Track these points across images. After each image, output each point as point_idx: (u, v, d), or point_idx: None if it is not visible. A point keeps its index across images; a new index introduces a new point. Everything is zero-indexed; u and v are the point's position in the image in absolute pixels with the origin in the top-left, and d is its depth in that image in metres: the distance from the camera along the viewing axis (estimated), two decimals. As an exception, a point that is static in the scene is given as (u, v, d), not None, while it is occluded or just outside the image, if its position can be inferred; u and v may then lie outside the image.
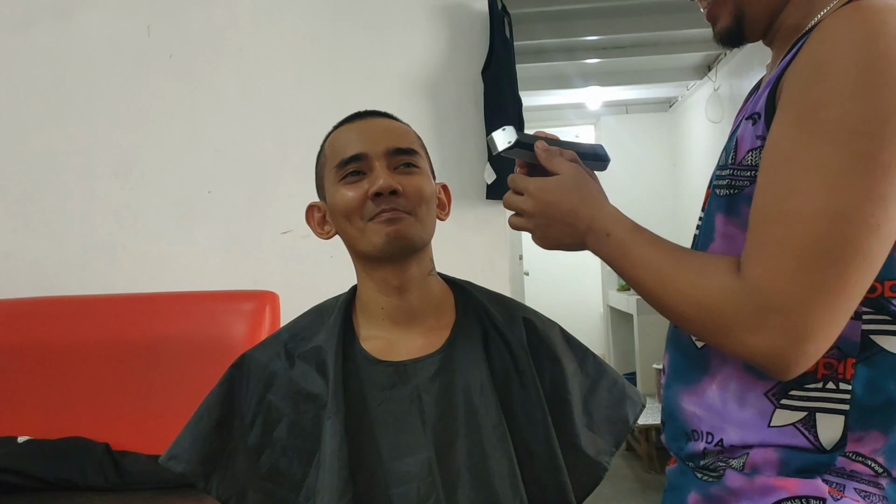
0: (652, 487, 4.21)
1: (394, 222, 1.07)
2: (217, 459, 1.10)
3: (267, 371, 1.12)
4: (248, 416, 1.11)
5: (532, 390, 1.11)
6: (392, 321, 1.13)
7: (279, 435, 1.09)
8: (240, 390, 1.12)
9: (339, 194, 1.10)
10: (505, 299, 1.22)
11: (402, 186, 1.09)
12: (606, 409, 1.19)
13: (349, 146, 1.11)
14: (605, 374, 1.21)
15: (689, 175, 6.00)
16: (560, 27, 4.31)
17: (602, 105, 6.27)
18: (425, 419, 1.07)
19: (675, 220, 6.29)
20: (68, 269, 2.67)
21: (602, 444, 1.16)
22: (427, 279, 1.15)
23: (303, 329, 1.16)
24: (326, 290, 1.27)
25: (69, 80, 2.72)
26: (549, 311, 1.33)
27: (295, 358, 1.12)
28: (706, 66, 5.23)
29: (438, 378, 1.09)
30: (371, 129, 1.13)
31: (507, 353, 1.13)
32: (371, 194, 1.08)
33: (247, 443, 1.10)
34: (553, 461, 1.09)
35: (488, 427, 1.07)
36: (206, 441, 1.11)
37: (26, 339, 2.32)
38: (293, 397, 1.10)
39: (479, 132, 2.69)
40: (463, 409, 1.08)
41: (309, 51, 2.74)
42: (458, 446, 1.06)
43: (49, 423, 2.22)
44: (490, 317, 1.16)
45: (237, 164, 2.72)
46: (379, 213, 1.08)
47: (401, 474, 1.05)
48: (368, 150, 1.10)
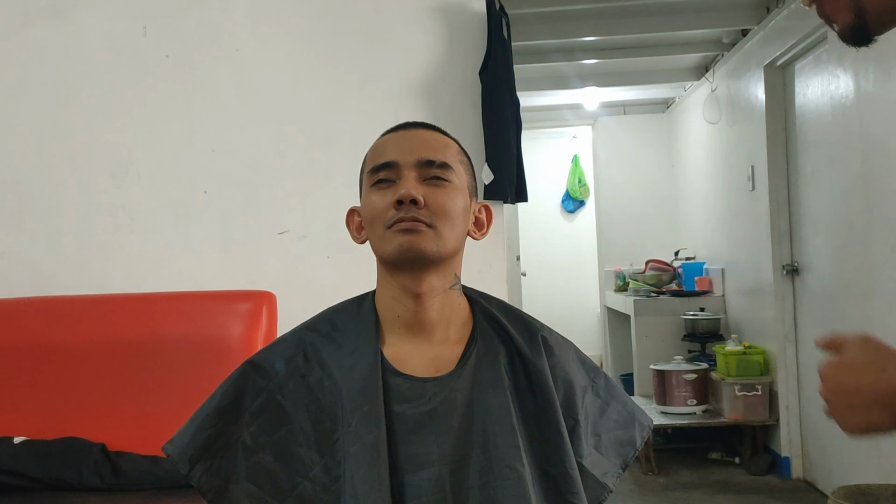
0: (650, 489, 4.21)
1: (409, 233, 1.07)
2: (206, 449, 1.08)
3: (282, 373, 1.11)
4: (251, 413, 1.09)
5: (550, 412, 1.11)
6: (407, 329, 1.12)
7: (278, 438, 1.08)
8: (251, 385, 1.11)
9: (368, 200, 1.12)
10: (522, 315, 1.21)
11: (426, 198, 1.08)
12: (615, 431, 1.19)
13: (383, 154, 1.12)
14: (615, 396, 1.21)
15: (686, 176, 6.00)
16: (558, 28, 4.31)
17: (600, 106, 6.27)
18: (441, 435, 1.06)
19: (673, 220, 6.29)
20: (64, 268, 2.67)
21: (608, 465, 1.16)
22: (448, 293, 1.14)
23: (325, 332, 1.14)
24: (323, 290, 1.27)
25: (65, 80, 2.71)
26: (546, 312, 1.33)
27: (316, 364, 1.11)
28: (703, 67, 5.23)
29: (456, 395, 1.09)
30: (409, 139, 1.14)
31: (524, 372, 1.13)
32: (393, 202, 1.08)
33: (242, 439, 1.08)
34: (570, 486, 1.08)
35: (503, 446, 1.06)
36: (199, 428, 1.09)
37: (22, 340, 2.31)
38: (304, 404, 1.09)
39: (476, 132, 2.69)
40: (479, 427, 1.07)
41: (306, 51, 2.74)
42: (471, 464, 1.06)
43: (45, 423, 2.21)
44: (508, 333, 1.15)
45: (233, 164, 2.71)
46: (397, 222, 1.07)
47: (414, 487, 1.04)
48: (399, 159, 1.10)
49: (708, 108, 4.99)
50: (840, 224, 3.39)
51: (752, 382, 4.32)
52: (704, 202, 5.50)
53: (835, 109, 3.40)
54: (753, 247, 4.46)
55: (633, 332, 5.28)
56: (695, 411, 4.58)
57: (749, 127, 4.46)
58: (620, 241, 6.39)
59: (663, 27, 4.30)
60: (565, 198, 7.67)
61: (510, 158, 2.66)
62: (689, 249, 5.85)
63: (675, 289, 5.43)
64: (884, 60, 2.94)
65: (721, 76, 4.92)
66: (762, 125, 4.23)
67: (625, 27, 4.33)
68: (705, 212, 5.49)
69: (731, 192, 4.86)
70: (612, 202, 6.48)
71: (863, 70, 3.10)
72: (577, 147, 7.54)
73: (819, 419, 3.96)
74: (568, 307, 7.31)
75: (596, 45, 4.78)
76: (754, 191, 4.39)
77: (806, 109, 3.93)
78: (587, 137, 7.06)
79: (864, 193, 3.12)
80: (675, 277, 5.61)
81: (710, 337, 4.89)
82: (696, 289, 5.24)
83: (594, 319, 7.20)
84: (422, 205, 1.07)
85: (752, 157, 4.40)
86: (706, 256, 5.48)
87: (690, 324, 4.95)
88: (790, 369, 4.19)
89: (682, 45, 4.84)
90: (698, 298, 5.12)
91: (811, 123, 3.87)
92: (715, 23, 4.32)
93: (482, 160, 2.67)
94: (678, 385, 4.59)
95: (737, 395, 4.35)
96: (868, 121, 3.08)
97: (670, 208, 6.31)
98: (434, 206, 1.08)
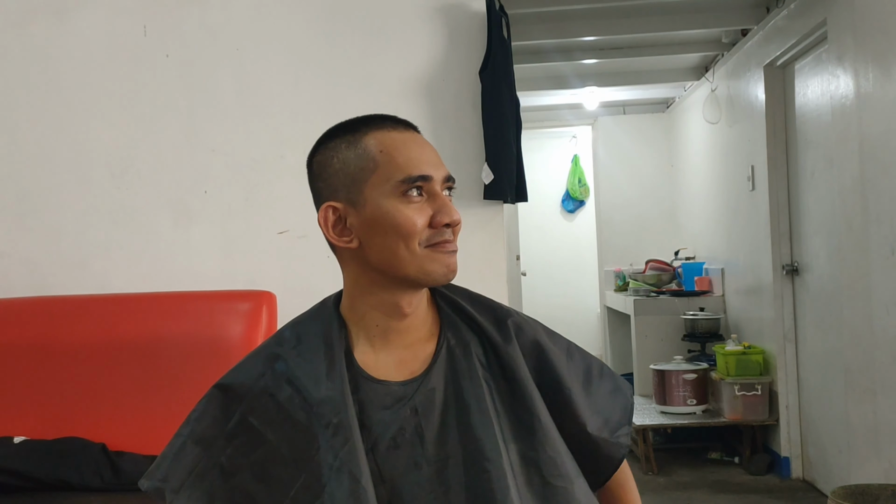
0: (650, 489, 4.21)
1: (453, 255, 1.09)
2: (184, 478, 1.06)
3: (251, 393, 1.08)
4: (226, 437, 1.07)
5: (526, 397, 1.10)
6: (382, 337, 1.11)
7: (255, 459, 1.06)
8: (221, 409, 1.09)
9: (401, 213, 1.07)
10: (489, 302, 1.20)
11: None
12: (605, 390, 1.20)
13: (416, 164, 1.09)
14: (592, 360, 1.22)
15: (686, 176, 6.00)
16: (558, 28, 4.31)
17: (599, 105, 6.27)
18: (423, 436, 1.06)
19: (673, 220, 6.29)
20: (64, 268, 2.67)
21: (614, 419, 1.18)
22: (423, 298, 1.14)
23: (291, 346, 1.12)
24: (323, 290, 1.26)
25: (65, 80, 2.71)
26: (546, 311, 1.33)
27: (283, 381, 1.08)
28: (703, 66, 5.23)
29: (434, 393, 1.08)
30: (427, 148, 1.12)
31: (497, 360, 1.12)
32: (441, 224, 1.07)
33: (220, 463, 1.06)
34: (552, 469, 1.08)
35: (483, 439, 1.06)
36: (174, 459, 1.08)
37: (22, 339, 2.31)
38: (277, 423, 1.06)
39: (476, 132, 2.69)
40: (459, 422, 1.07)
41: (306, 51, 2.74)
42: (456, 461, 1.05)
43: (45, 423, 2.21)
44: (476, 322, 1.15)
45: (233, 163, 2.71)
46: (442, 244, 1.08)
47: (403, 493, 1.04)
48: (434, 175, 1.09)
49: (708, 108, 4.99)
50: (840, 224, 3.39)
51: (752, 382, 4.32)
52: (704, 202, 5.50)
53: (834, 109, 3.40)
54: (753, 247, 4.46)
55: (633, 332, 5.28)
56: (694, 411, 4.58)
57: (749, 127, 4.46)
58: (620, 240, 6.39)
59: (663, 27, 4.30)
60: (565, 198, 7.68)
61: (510, 158, 2.66)
62: (688, 249, 5.85)
63: (675, 289, 5.43)
64: (884, 60, 2.94)
65: (721, 76, 4.92)
66: (762, 125, 4.23)
67: (624, 27, 4.33)
68: (705, 212, 5.49)
69: (730, 192, 4.87)
70: (612, 202, 6.48)
71: (863, 70, 3.10)
72: (577, 147, 7.54)
73: (819, 419, 3.96)
74: (568, 307, 7.31)
75: (595, 44, 4.78)
76: (754, 191, 4.39)
77: (806, 109, 3.94)
78: (587, 137, 7.06)
79: (864, 193, 3.12)
80: (675, 277, 5.61)
81: (710, 337, 4.89)
82: (695, 289, 5.24)
83: (594, 319, 7.21)
84: (460, 224, 1.10)
85: (752, 157, 4.40)
86: (706, 256, 5.48)
87: (690, 324, 4.96)
88: (790, 369, 4.19)
89: (681, 45, 4.84)
90: (698, 298, 5.12)
91: (811, 123, 3.87)
92: (715, 23, 4.32)
93: (482, 160, 2.67)
94: (678, 385, 4.59)
95: (736, 394, 4.35)
96: (867, 121, 3.08)
97: (670, 208, 6.31)
98: (459, 227, 1.11)
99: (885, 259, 2.96)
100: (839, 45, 3.31)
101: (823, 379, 3.85)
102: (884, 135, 2.96)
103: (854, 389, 3.29)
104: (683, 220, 6.12)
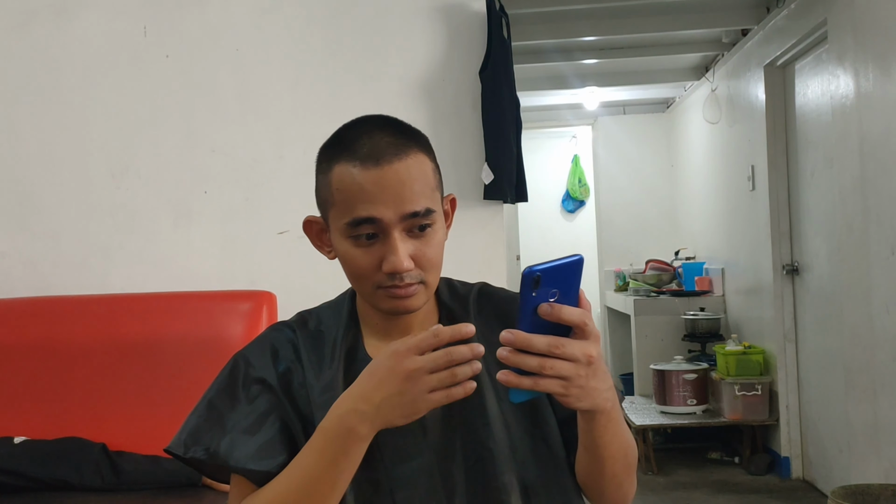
0: (650, 488, 4.21)
1: (403, 298, 1.05)
2: (204, 433, 1.07)
3: (271, 366, 1.11)
4: (247, 399, 1.09)
5: None
6: (385, 333, 1.13)
7: (274, 419, 1.07)
8: (243, 375, 1.11)
9: (349, 254, 1.05)
10: (502, 293, 1.20)
11: (416, 258, 1.04)
12: None
13: (362, 204, 1.02)
14: None
15: (686, 176, 6.00)
16: (558, 28, 4.31)
17: (599, 105, 6.27)
18: (425, 423, 1.07)
19: (673, 220, 6.29)
20: (64, 268, 2.67)
21: None
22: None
23: (312, 327, 1.15)
24: (323, 290, 1.27)
25: (65, 80, 2.71)
26: (546, 311, 1.32)
27: (296, 362, 1.11)
28: (703, 66, 5.23)
29: None
30: (385, 183, 1.02)
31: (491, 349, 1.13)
32: (386, 271, 1.03)
33: (241, 426, 1.07)
34: (549, 439, 1.10)
35: (477, 425, 1.07)
36: (196, 419, 1.09)
37: (22, 339, 2.31)
38: (292, 398, 1.09)
39: (476, 132, 2.69)
40: (457, 408, 1.07)
41: (306, 51, 2.74)
42: (457, 448, 1.07)
43: (45, 423, 2.21)
44: (466, 311, 1.16)
45: (233, 164, 2.71)
46: (390, 288, 1.04)
47: (403, 479, 1.05)
48: (383, 216, 1.01)
49: (708, 108, 4.99)
50: (840, 224, 3.39)
51: (752, 382, 4.32)
52: (704, 202, 5.50)
53: (834, 109, 3.40)
54: (753, 247, 4.46)
55: (633, 332, 5.28)
56: (695, 411, 4.58)
57: (749, 127, 4.46)
58: (620, 240, 6.39)
59: (663, 27, 4.30)
60: (565, 198, 7.68)
61: (510, 158, 2.66)
62: (689, 249, 5.85)
63: (675, 289, 5.43)
64: (884, 60, 2.94)
65: (721, 76, 4.92)
66: (762, 125, 4.23)
67: (624, 27, 4.33)
68: (705, 212, 5.49)
69: (730, 191, 4.87)
70: (612, 202, 6.48)
71: (863, 70, 3.10)
72: (577, 147, 7.54)
73: (819, 419, 3.96)
74: (568, 307, 7.30)
75: (595, 44, 4.78)
76: (754, 191, 4.39)
77: (806, 109, 3.94)
78: (587, 137, 7.06)
79: (864, 193, 3.12)
80: (675, 277, 5.61)
81: (710, 337, 4.89)
82: (696, 289, 5.24)
83: (594, 319, 7.21)
84: (412, 269, 1.03)
85: (752, 157, 4.40)
86: (706, 256, 5.48)
87: (690, 324, 4.96)
88: (790, 369, 4.20)
89: (681, 45, 4.84)
90: (698, 298, 5.12)
91: (811, 123, 3.87)
92: (715, 23, 4.32)
93: (482, 160, 2.67)
94: (678, 385, 4.59)
95: (736, 394, 4.35)
96: (867, 121, 3.08)
97: (670, 208, 6.31)
98: (423, 262, 1.04)
99: (885, 259, 2.96)
100: (839, 45, 3.31)
101: (823, 379, 3.85)
102: (884, 135, 2.96)
103: (854, 389, 3.29)
104: (683, 220, 6.12)
